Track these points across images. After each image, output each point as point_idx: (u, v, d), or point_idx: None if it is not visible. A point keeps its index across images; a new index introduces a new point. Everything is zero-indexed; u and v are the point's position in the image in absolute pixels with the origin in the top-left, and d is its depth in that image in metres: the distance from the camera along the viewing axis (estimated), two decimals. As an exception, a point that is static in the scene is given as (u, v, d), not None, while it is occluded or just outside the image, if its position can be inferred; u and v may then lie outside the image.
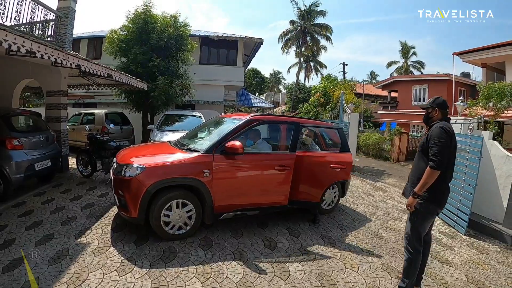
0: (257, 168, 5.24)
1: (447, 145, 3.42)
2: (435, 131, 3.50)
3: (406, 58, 49.21)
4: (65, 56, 5.72)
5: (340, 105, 12.99)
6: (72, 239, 4.61)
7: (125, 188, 4.63)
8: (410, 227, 3.68)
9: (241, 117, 5.69)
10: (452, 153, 3.57)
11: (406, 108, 26.29)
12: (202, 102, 18.59)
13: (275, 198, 5.47)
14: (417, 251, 3.65)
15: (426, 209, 3.58)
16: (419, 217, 3.62)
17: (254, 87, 56.79)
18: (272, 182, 5.40)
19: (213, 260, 4.27)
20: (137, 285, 3.55)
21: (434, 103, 3.74)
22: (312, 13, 39.53)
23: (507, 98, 12.54)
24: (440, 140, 3.41)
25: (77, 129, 12.47)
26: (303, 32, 40.20)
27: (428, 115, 3.80)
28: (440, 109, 3.69)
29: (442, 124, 3.56)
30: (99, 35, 18.71)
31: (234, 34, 19.56)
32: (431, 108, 3.76)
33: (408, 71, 47.95)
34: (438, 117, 3.70)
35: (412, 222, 3.67)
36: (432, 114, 3.76)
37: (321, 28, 39.75)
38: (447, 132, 3.46)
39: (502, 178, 6.32)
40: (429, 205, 3.56)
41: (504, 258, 5.07)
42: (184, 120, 11.59)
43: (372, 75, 65.27)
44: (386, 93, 32.50)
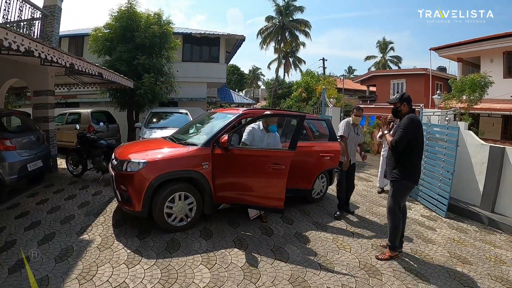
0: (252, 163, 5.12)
1: (411, 131, 4.16)
2: (404, 121, 4.25)
3: (384, 53, 50.08)
4: (60, 55, 5.73)
5: (322, 99, 13.30)
6: (75, 237, 4.70)
7: (128, 183, 4.80)
8: (392, 201, 4.40)
9: (234, 112, 5.96)
10: (420, 138, 4.35)
11: (385, 102, 26.41)
12: (185, 99, 18.62)
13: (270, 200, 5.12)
14: (398, 218, 4.41)
15: (405, 186, 4.36)
16: (400, 193, 4.39)
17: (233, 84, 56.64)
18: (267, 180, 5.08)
19: (215, 248, 4.50)
20: (148, 275, 3.73)
21: (402, 98, 4.41)
22: (290, 9, 39.56)
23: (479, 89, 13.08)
24: (405, 128, 4.17)
25: (62, 129, 12.28)
26: (282, 28, 40.09)
27: (397, 109, 4.46)
28: (407, 103, 4.39)
29: (411, 115, 4.27)
30: (80, 33, 18.47)
31: (216, 31, 19.65)
32: (399, 103, 4.41)
33: (385, 65, 48.87)
34: (406, 110, 4.38)
35: (394, 197, 4.39)
36: (400, 108, 4.42)
37: (300, 24, 39.74)
38: (415, 122, 4.21)
39: (478, 165, 6.75)
40: (406, 182, 4.34)
41: (482, 236, 5.53)
42: (171, 117, 11.64)
43: (350, 70, 65.97)
44: (365, 88, 32.92)
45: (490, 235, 5.65)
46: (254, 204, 5.31)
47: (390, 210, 4.43)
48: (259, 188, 5.15)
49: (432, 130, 7.34)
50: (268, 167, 4.92)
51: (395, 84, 26.77)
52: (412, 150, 4.26)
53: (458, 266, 4.37)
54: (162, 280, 3.66)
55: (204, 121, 6.64)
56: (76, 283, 3.52)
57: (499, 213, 6.30)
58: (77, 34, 18.78)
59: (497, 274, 4.20)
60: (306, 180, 6.39)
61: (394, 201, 4.39)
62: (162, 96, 14.25)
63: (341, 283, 3.77)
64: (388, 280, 3.91)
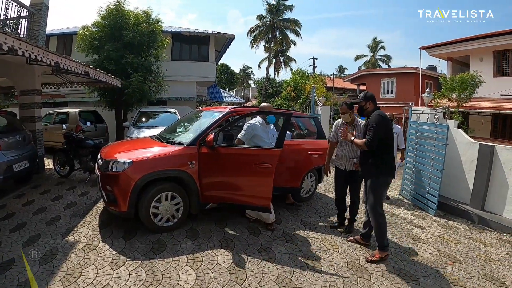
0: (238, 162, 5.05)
1: (381, 127, 4.20)
2: (373, 118, 4.29)
3: (374, 52, 50.55)
4: (45, 54, 5.64)
5: (312, 98, 13.32)
6: (60, 238, 4.63)
7: (114, 183, 4.74)
8: (372, 199, 4.37)
9: (221, 110, 5.91)
10: (389, 135, 4.41)
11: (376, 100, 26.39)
12: (174, 99, 18.57)
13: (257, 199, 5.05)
14: (380, 215, 4.37)
15: (383, 181, 4.41)
16: (379, 190, 4.39)
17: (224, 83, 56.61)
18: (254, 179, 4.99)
19: (202, 249, 4.45)
20: (132, 277, 3.68)
21: (366, 97, 4.54)
22: (281, 8, 39.63)
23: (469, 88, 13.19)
24: (375, 124, 4.20)
25: (50, 129, 12.14)
26: (272, 27, 40.22)
27: (363, 107, 4.54)
28: (371, 101, 4.50)
29: (378, 111, 4.37)
30: (69, 32, 18.26)
31: (206, 30, 19.64)
32: (364, 101, 4.51)
33: (375, 64, 49.30)
34: (371, 108, 4.48)
35: (373, 195, 4.36)
36: (366, 106, 4.51)
37: (290, 23, 39.93)
38: (383, 117, 4.28)
39: (467, 163, 6.77)
40: (384, 178, 4.40)
41: (472, 235, 5.53)
42: (159, 116, 11.59)
43: (341, 69, 66.03)
44: (355, 87, 33.05)
45: (480, 233, 5.66)
46: (241, 203, 5.25)
47: (371, 209, 4.40)
48: (245, 187, 5.08)
49: (421, 128, 7.35)
50: (255, 165, 4.85)
51: (385, 83, 26.84)
52: (384, 146, 4.31)
53: (448, 265, 4.36)
54: (146, 281, 3.61)
55: (191, 120, 6.58)
56: (60, 286, 3.47)
57: (489, 211, 6.32)
58: (65, 33, 18.58)
59: (487, 272, 4.20)
60: (294, 178, 6.31)
61: (374, 199, 4.37)
62: (151, 95, 14.13)
63: (328, 284, 3.74)
64: (377, 280, 3.88)
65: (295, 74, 18.86)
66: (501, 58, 18.22)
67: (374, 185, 4.38)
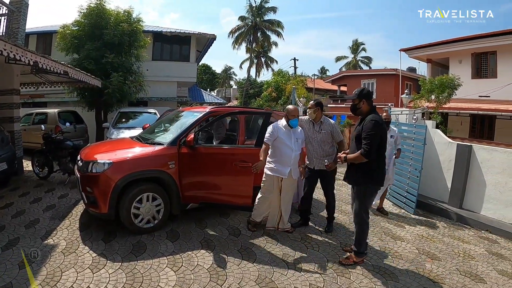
0: (219, 161, 5.27)
1: (378, 135, 3.90)
2: (369, 125, 3.92)
3: (355, 53, 50.95)
4: (23, 53, 5.54)
5: (292, 99, 13.40)
6: (39, 242, 4.58)
7: (94, 184, 4.71)
8: (359, 206, 4.19)
9: (201, 110, 5.93)
10: (383, 141, 4.08)
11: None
12: (155, 99, 18.49)
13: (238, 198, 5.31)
14: (366, 222, 4.24)
15: (371, 189, 4.20)
16: (366, 197, 4.20)
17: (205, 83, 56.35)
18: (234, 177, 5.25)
19: (182, 250, 4.45)
20: (112, 280, 3.66)
21: (361, 94, 4.13)
22: (263, 10, 39.69)
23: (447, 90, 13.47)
24: (372, 132, 3.87)
25: (29, 129, 11.88)
26: (254, 28, 40.25)
27: (356, 106, 4.19)
28: (366, 100, 4.12)
29: (374, 117, 3.99)
30: (49, 30, 17.90)
31: (187, 30, 19.57)
32: (358, 100, 4.14)
33: (356, 66, 49.74)
34: (366, 108, 4.13)
35: (360, 202, 4.17)
36: (359, 105, 4.15)
37: (272, 24, 40.03)
38: (380, 125, 3.96)
39: (446, 162, 6.93)
40: (372, 186, 4.18)
41: (450, 232, 5.69)
42: (139, 117, 11.54)
43: (323, 70, 66.44)
44: (336, 87, 33.39)
45: (458, 230, 5.82)
46: (223, 202, 5.40)
47: (357, 215, 4.24)
48: (226, 186, 5.25)
49: (400, 129, 7.47)
50: (235, 165, 5.04)
51: (366, 84, 27.10)
52: (377, 153, 4.03)
53: (427, 262, 4.46)
54: (127, 284, 3.60)
55: (171, 120, 6.57)
56: (40, 290, 3.42)
57: (467, 209, 6.51)
58: (45, 31, 18.20)
59: (466, 269, 4.32)
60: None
61: (360, 206, 4.19)
62: (131, 96, 14.04)
63: (308, 283, 3.79)
64: (357, 278, 3.95)
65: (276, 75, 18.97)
66: (479, 60, 18.61)
67: (361, 192, 4.18)
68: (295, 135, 4.93)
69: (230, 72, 65.31)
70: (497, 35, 16.99)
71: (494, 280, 4.07)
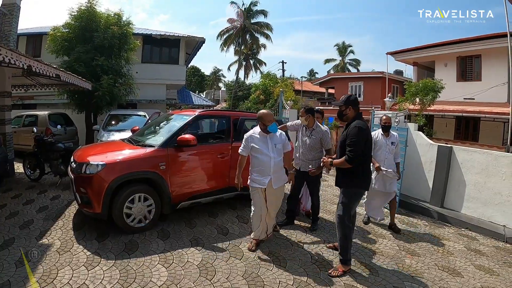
0: (206, 157, 5.92)
1: (361, 142, 3.94)
2: (352, 131, 3.98)
3: (343, 56, 51.27)
4: (18, 57, 5.60)
5: (280, 102, 13.60)
6: (34, 241, 4.69)
7: (87, 185, 4.87)
8: (342, 210, 4.17)
9: (190, 113, 6.19)
10: (368, 147, 4.16)
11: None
12: (144, 101, 18.55)
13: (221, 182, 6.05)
14: (348, 227, 4.20)
15: (356, 193, 4.24)
16: (351, 201, 4.22)
17: (194, 85, 56.26)
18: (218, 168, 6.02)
19: (173, 248, 4.65)
20: (107, 276, 3.83)
21: (348, 101, 4.16)
22: (251, 13, 39.80)
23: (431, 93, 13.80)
24: (355, 138, 3.92)
25: (19, 132, 11.89)
26: (242, 30, 40.29)
27: (342, 112, 4.21)
28: (352, 106, 4.15)
29: (358, 123, 4.02)
30: (39, 32, 17.86)
31: (177, 33, 19.67)
32: (345, 106, 4.17)
33: (344, 68, 50.09)
34: (352, 114, 4.16)
35: (345, 206, 4.17)
36: (345, 111, 4.18)
37: (261, 26, 40.11)
38: (363, 130, 3.98)
39: (427, 163, 7.20)
40: (357, 190, 4.23)
41: (431, 230, 5.97)
42: (129, 119, 11.69)
43: (311, 72, 66.52)
44: (324, 90, 33.75)
45: (439, 228, 6.09)
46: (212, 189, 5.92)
47: (340, 219, 4.19)
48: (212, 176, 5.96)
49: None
50: (217, 157, 5.92)
51: (353, 87, 27.55)
52: (362, 158, 4.04)
53: (407, 258, 4.70)
54: (121, 280, 3.77)
55: (161, 123, 6.78)
56: (37, 287, 3.57)
57: (448, 208, 6.80)
58: (35, 33, 18.15)
59: (444, 264, 4.56)
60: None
61: (344, 210, 4.17)
62: (121, 98, 14.16)
63: (292, 277, 4.00)
64: (338, 273, 4.16)
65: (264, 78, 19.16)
66: (464, 63, 18.94)
67: (348, 196, 4.19)
68: (272, 141, 4.65)
69: (219, 74, 65.16)
70: (482, 39, 17.32)
71: (471, 274, 4.32)
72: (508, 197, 5.91)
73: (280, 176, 4.73)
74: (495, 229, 5.83)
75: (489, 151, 6.79)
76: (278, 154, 4.66)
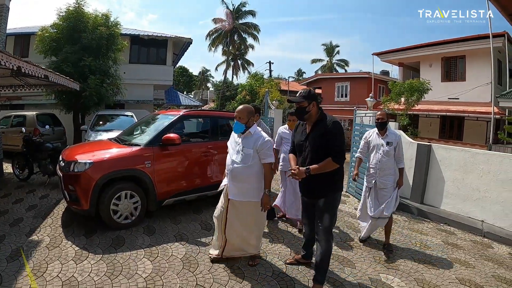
0: (190, 155, 6.13)
1: (343, 138, 3.51)
2: (334, 127, 3.43)
3: (330, 56, 51.58)
4: (8, 58, 5.62)
5: (265, 102, 13.78)
6: (24, 238, 4.82)
7: (75, 183, 5.06)
8: (329, 218, 3.61)
9: (175, 113, 6.44)
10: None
11: (330, 103, 27.66)
12: (132, 102, 18.59)
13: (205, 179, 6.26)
14: (333, 237, 3.79)
15: (338, 198, 3.72)
16: (336, 207, 3.71)
17: (182, 85, 56.17)
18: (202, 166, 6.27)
19: (158, 243, 4.84)
20: (94, 269, 4.01)
21: (310, 95, 3.58)
22: (240, 13, 39.95)
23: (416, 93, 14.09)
24: (338, 135, 3.44)
25: (7, 132, 11.91)
26: (231, 31, 40.48)
27: (304, 109, 3.55)
28: (316, 101, 3.59)
29: (333, 118, 3.55)
30: (26, 32, 17.80)
31: (164, 34, 19.78)
32: (307, 102, 3.54)
33: (332, 68, 50.40)
34: (315, 111, 3.58)
35: (330, 214, 3.62)
36: (309, 108, 3.54)
37: (249, 27, 40.41)
38: (341, 125, 3.55)
39: (407, 161, 7.36)
40: (339, 194, 3.72)
41: (410, 226, 6.18)
42: (117, 119, 11.83)
43: (299, 72, 66.99)
44: (311, 90, 33.94)
45: (418, 224, 6.30)
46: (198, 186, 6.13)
47: (327, 231, 3.62)
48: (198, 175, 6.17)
49: (365, 130, 7.91)
50: (201, 155, 6.14)
51: (340, 87, 27.94)
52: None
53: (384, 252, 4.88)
54: (108, 272, 3.95)
55: (147, 123, 6.98)
56: (28, 280, 3.71)
57: (428, 204, 7.01)
58: (23, 33, 18.08)
59: (421, 257, 4.75)
60: None
61: (331, 219, 3.66)
62: (108, 99, 14.18)
63: (272, 270, 4.22)
64: (315, 265, 4.34)
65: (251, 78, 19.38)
66: (449, 64, 19.35)
67: (332, 202, 3.64)
68: (242, 144, 3.96)
69: (207, 74, 65.14)
70: (466, 40, 17.70)
71: (446, 266, 4.50)
72: (485, 193, 6.10)
73: (242, 188, 3.94)
74: (473, 224, 6.03)
75: (467, 148, 7.02)
76: (242, 160, 3.89)
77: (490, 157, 6.14)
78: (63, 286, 3.63)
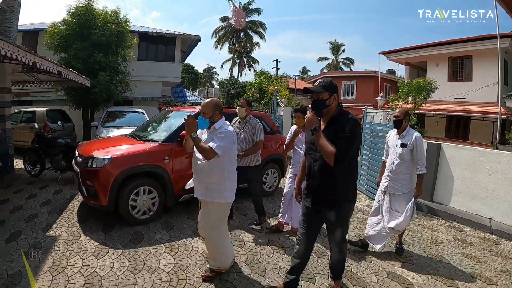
0: None
1: (358, 140, 3.00)
2: (351, 123, 2.87)
3: (336, 55, 51.57)
4: (24, 53, 5.68)
5: (274, 100, 13.79)
6: (41, 234, 4.83)
7: (94, 178, 5.08)
8: (342, 230, 3.23)
9: (191, 110, 6.44)
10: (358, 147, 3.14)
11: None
12: (140, 98, 18.66)
13: None
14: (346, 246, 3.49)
15: (353, 208, 3.22)
16: (349, 218, 3.27)
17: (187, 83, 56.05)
18: None
19: (177, 238, 4.87)
20: (116, 264, 4.02)
21: (332, 86, 2.98)
22: (246, 11, 39.91)
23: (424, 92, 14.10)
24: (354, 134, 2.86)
25: (16, 128, 11.71)
26: (237, 28, 40.59)
27: (324, 103, 2.95)
28: (337, 94, 3.02)
29: (353, 116, 2.98)
30: (35, 28, 17.83)
31: (173, 31, 19.82)
32: (328, 94, 2.94)
33: (337, 67, 50.32)
34: (336, 105, 3.01)
35: (346, 224, 3.27)
36: (330, 101, 2.96)
37: (255, 25, 40.46)
38: (359, 126, 2.95)
39: (416, 160, 7.43)
40: (354, 204, 3.23)
41: (421, 222, 6.22)
42: (127, 116, 11.88)
43: (304, 70, 66.77)
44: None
45: (428, 220, 6.34)
46: None
47: (343, 241, 3.30)
48: None
49: (376, 128, 7.99)
50: None
51: (346, 86, 27.93)
52: (355, 161, 3.15)
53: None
54: (130, 267, 3.97)
55: (162, 120, 7.03)
56: (49, 275, 3.71)
57: (437, 202, 7.04)
58: (31, 29, 18.06)
59: (433, 252, 4.82)
60: None
61: (345, 229, 3.27)
62: (118, 95, 14.21)
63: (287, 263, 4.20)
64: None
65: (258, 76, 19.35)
66: (456, 64, 19.32)
67: (345, 215, 3.16)
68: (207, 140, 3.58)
69: (212, 71, 65.10)
70: (473, 40, 17.67)
71: (458, 261, 4.57)
72: (493, 192, 6.15)
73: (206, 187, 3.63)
74: (482, 221, 6.08)
75: (476, 147, 7.07)
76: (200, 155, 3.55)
77: (498, 157, 6.18)
78: (85, 281, 3.64)
